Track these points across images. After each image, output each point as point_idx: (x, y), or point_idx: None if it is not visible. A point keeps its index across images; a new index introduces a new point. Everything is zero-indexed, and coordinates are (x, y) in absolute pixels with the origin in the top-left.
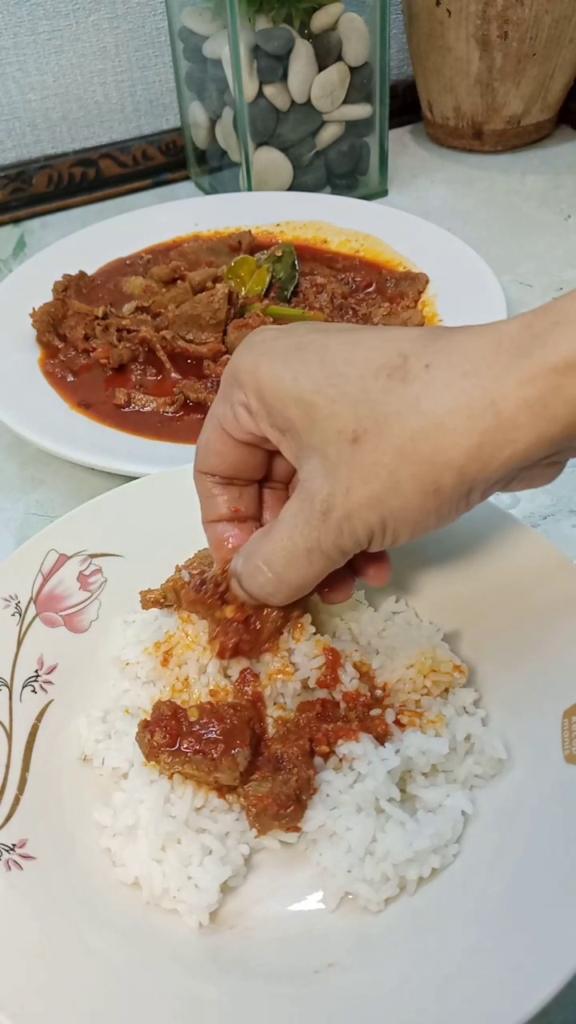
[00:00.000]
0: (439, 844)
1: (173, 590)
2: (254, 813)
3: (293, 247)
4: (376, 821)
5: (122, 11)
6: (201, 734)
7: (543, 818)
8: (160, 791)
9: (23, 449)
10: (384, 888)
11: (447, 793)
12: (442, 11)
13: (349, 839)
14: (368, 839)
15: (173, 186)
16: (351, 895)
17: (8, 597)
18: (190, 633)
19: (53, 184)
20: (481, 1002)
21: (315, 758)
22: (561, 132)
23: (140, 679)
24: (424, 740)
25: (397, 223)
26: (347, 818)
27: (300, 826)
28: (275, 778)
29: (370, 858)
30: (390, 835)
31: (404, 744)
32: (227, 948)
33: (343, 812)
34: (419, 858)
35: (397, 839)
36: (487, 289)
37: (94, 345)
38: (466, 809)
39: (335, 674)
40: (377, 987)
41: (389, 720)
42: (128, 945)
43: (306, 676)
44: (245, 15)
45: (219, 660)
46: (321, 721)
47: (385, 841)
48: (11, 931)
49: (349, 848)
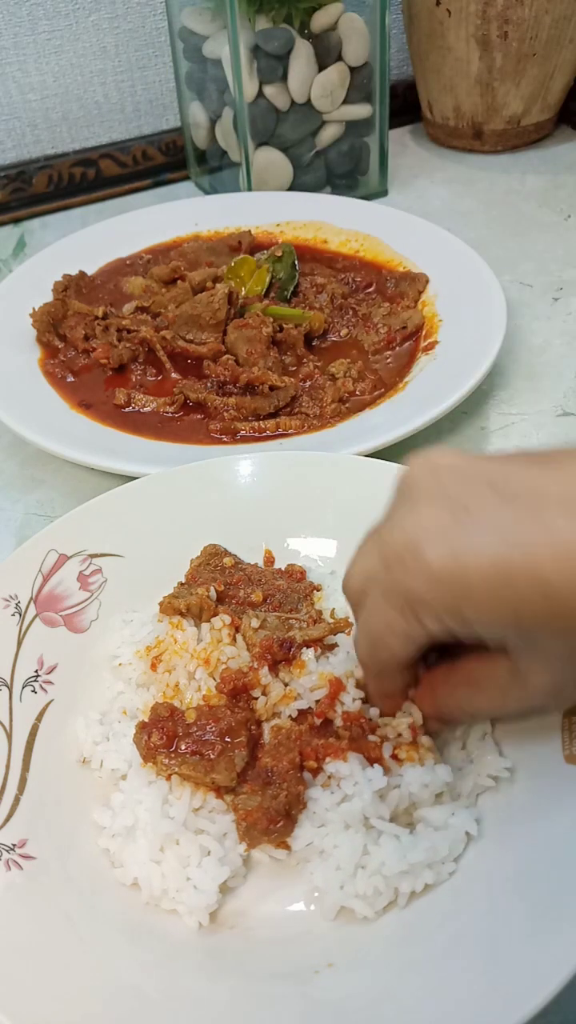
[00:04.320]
0: (434, 859)
1: (199, 606)
2: (244, 827)
3: (293, 247)
4: (367, 836)
5: (122, 11)
6: (198, 735)
7: (543, 818)
8: (158, 792)
9: (23, 449)
10: (378, 900)
11: (452, 812)
12: (442, 11)
13: (338, 857)
14: (357, 856)
15: (173, 186)
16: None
17: (8, 597)
18: (179, 639)
19: (53, 184)
20: (481, 1002)
21: (304, 772)
22: (561, 132)
23: (133, 681)
24: (424, 773)
25: (397, 223)
26: (334, 836)
27: (289, 843)
28: (265, 792)
29: (362, 872)
30: (384, 848)
31: (405, 780)
32: (227, 948)
33: (330, 830)
34: (413, 871)
35: (391, 852)
36: (487, 289)
37: (94, 345)
38: (470, 830)
39: (333, 704)
40: (376, 988)
41: (386, 755)
42: (128, 945)
43: (307, 706)
44: (245, 15)
45: (206, 668)
46: (314, 734)
47: (379, 854)
48: (11, 931)
49: (339, 866)
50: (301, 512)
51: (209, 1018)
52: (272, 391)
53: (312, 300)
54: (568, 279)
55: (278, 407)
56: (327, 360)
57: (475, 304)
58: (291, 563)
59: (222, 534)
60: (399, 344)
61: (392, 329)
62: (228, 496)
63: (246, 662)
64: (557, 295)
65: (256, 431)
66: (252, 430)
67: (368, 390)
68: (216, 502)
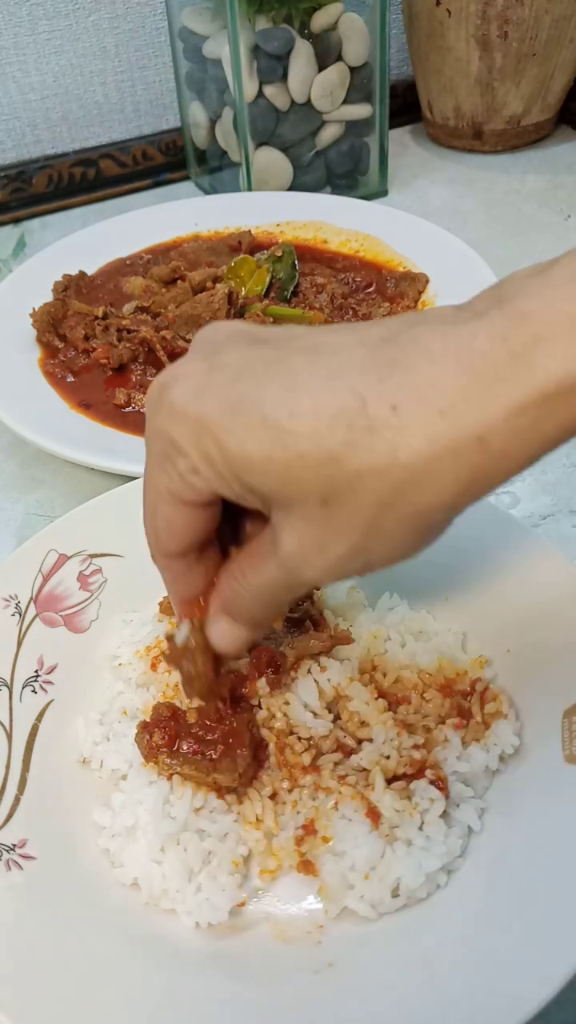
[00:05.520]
0: (448, 862)
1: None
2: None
3: (293, 247)
4: (382, 842)
5: (122, 11)
6: (200, 735)
7: (543, 818)
8: (159, 792)
9: (23, 449)
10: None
11: (457, 803)
12: (442, 11)
13: (355, 856)
14: (374, 860)
15: (173, 186)
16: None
17: (8, 597)
18: None
19: (53, 184)
20: (481, 1002)
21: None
22: (561, 132)
23: (132, 681)
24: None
25: (397, 223)
26: (353, 836)
27: (316, 866)
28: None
29: (374, 874)
30: (400, 859)
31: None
32: (227, 948)
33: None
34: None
35: (408, 867)
36: None
37: (94, 345)
38: (473, 825)
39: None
40: (377, 988)
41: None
42: (128, 945)
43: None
44: (245, 15)
45: None
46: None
47: (395, 865)
48: (11, 931)
49: (353, 866)
50: None
51: (209, 1018)
52: None
53: (312, 300)
54: None
55: None
56: None
57: None
58: None
59: None
60: None
61: None
62: None
63: (245, 663)
64: None
65: None
66: None
67: None
68: None
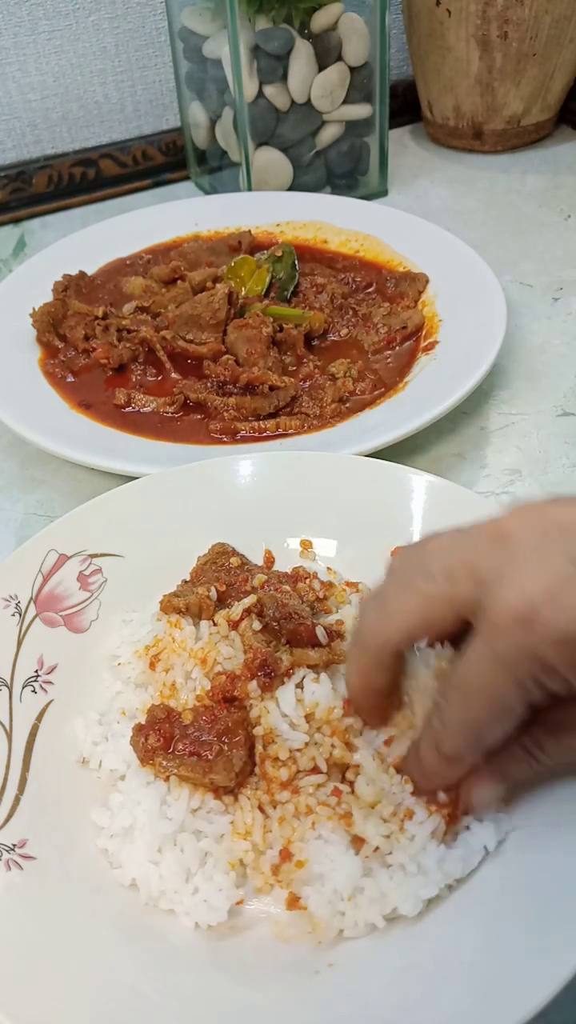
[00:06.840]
0: (450, 881)
1: (198, 606)
2: None
3: (293, 247)
4: (359, 860)
5: (122, 11)
6: (195, 736)
7: (543, 819)
8: (157, 793)
9: (23, 449)
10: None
11: (467, 824)
12: (442, 11)
13: (335, 880)
14: (354, 881)
15: (173, 186)
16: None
17: (8, 597)
18: (177, 638)
19: (53, 184)
20: (481, 1002)
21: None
22: (561, 132)
23: (131, 681)
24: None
25: (397, 223)
26: (333, 858)
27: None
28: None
29: (362, 897)
30: (397, 886)
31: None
32: (226, 948)
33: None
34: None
35: (404, 895)
36: (487, 289)
37: (94, 345)
38: (488, 845)
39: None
40: (376, 988)
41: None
42: (127, 945)
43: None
44: (245, 15)
45: (202, 668)
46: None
47: (392, 894)
48: (11, 931)
49: (335, 890)
50: (301, 512)
51: (208, 1018)
52: (272, 391)
53: (312, 300)
54: (568, 279)
55: (278, 407)
56: (327, 360)
57: (475, 304)
58: (296, 566)
59: (222, 534)
60: (399, 344)
61: (392, 329)
62: (228, 496)
63: (239, 664)
64: (557, 295)
65: (256, 431)
66: (252, 430)
67: (368, 390)
68: (216, 502)
